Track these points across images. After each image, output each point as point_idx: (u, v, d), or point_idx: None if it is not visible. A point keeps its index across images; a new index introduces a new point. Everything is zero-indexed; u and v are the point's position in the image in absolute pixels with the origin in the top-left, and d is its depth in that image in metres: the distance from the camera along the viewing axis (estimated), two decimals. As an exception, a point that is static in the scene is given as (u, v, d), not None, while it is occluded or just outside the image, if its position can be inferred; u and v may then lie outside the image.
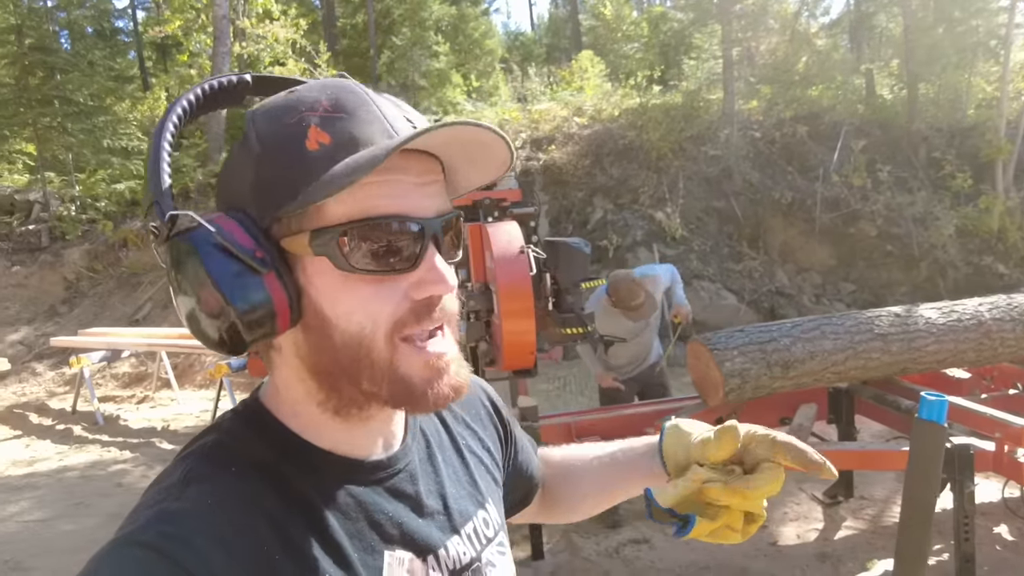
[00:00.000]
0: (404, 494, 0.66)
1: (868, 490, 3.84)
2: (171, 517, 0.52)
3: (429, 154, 0.59)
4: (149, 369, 7.70)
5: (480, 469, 0.78)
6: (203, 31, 12.21)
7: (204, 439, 0.62)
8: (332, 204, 0.54)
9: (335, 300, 0.56)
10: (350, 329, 0.56)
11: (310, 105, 0.57)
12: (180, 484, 0.56)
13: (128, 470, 5.24)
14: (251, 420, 0.63)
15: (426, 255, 0.57)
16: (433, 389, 0.59)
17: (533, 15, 38.33)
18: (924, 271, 7.79)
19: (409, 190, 0.57)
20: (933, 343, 3.18)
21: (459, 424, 0.80)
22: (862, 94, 10.27)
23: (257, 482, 0.57)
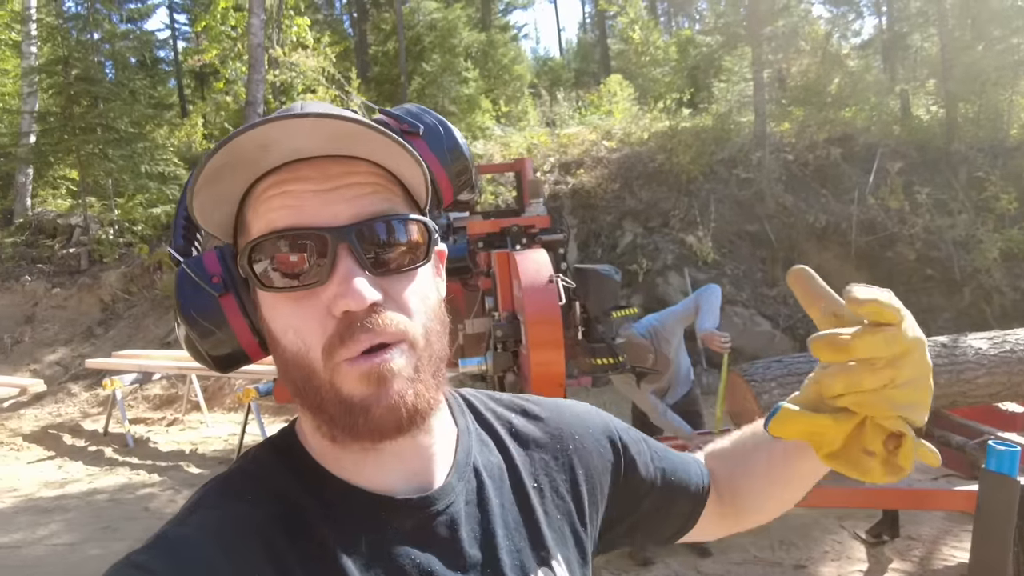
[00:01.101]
0: (439, 540, 0.59)
1: (915, 529, 3.65)
2: (170, 542, 0.53)
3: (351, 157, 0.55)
4: (179, 392, 7.77)
5: (552, 519, 0.67)
6: (239, 59, 12.55)
7: (234, 465, 0.62)
8: (253, 223, 0.56)
9: (272, 319, 0.57)
10: (290, 348, 0.55)
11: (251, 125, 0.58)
12: (190, 509, 0.57)
13: (156, 494, 5.25)
14: (280, 448, 0.62)
15: (337, 266, 0.53)
16: (371, 407, 0.52)
17: (561, 40, 38.75)
18: (968, 296, 7.52)
19: (307, 199, 0.54)
20: (984, 375, 3.02)
21: (531, 464, 0.70)
22: (897, 115, 10.06)
23: (271, 513, 0.56)
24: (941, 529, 3.67)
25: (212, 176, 0.53)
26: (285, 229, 0.53)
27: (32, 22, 12.08)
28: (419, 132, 0.82)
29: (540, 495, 0.68)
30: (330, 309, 0.53)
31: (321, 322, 0.53)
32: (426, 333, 0.56)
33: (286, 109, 0.57)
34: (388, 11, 17.20)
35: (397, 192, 0.59)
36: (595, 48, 22.62)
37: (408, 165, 0.58)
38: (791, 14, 10.62)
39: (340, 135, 0.53)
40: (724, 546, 3.63)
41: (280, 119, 0.50)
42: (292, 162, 0.54)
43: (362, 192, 0.55)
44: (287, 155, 0.54)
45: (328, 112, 0.52)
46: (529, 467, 0.69)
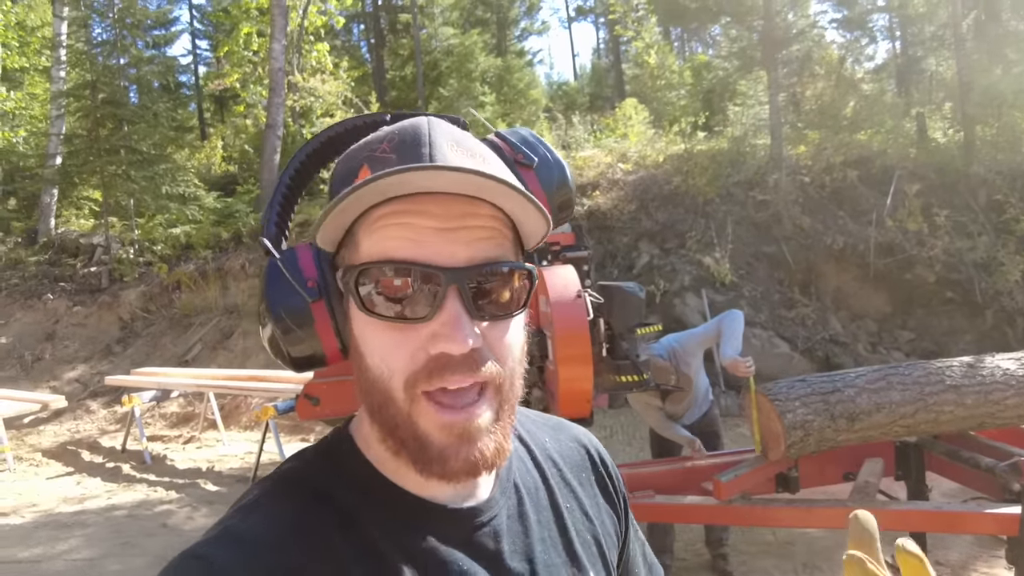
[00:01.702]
0: (484, 551, 0.60)
1: (943, 554, 3.58)
2: (232, 537, 0.54)
3: (473, 197, 0.54)
4: (196, 410, 7.81)
5: (583, 537, 0.69)
6: (259, 83, 12.80)
7: (288, 464, 0.63)
8: (364, 243, 0.55)
9: (362, 339, 0.57)
10: (374, 370, 0.55)
11: (374, 145, 0.59)
12: (250, 506, 0.57)
13: (173, 511, 5.26)
14: (335, 450, 0.63)
15: (444, 306, 0.53)
16: (449, 459, 0.54)
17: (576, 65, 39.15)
18: (990, 319, 7.42)
19: (428, 235, 0.53)
20: (1013, 396, 2.97)
21: (562, 484, 0.72)
22: (913, 138, 10.05)
23: (327, 515, 0.57)
24: (969, 555, 3.60)
25: (344, 208, 0.53)
26: (401, 261, 0.53)
27: (62, 48, 12.43)
28: (533, 165, 0.83)
29: (571, 515, 0.70)
30: (427, 345, 0.53)
31: (412, 354, 0.54)
32: (511, 378, 0.57)
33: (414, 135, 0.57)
34: (405, 37, 17.52)
35: (509, 237, 0.58)
36: (609, 72, 22.85)
37: (532, 219, 0.57)
38: (805, 39, 10.69)
39: (482, 184, 0.52)
40: (746, 569, 3.57)
41: (435, 169, 0.52)
42: (417, 193, 0.54)
43: (480, 236, 0.55)
44: (417, 189, 0.53)
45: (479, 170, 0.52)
46: (562, 487, 0.71)
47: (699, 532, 3.79)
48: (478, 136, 0.70)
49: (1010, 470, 2.87)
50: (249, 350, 8.91)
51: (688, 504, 3.09)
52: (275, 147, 11.04)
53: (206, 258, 10.04)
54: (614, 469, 0.79)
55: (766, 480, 3.20)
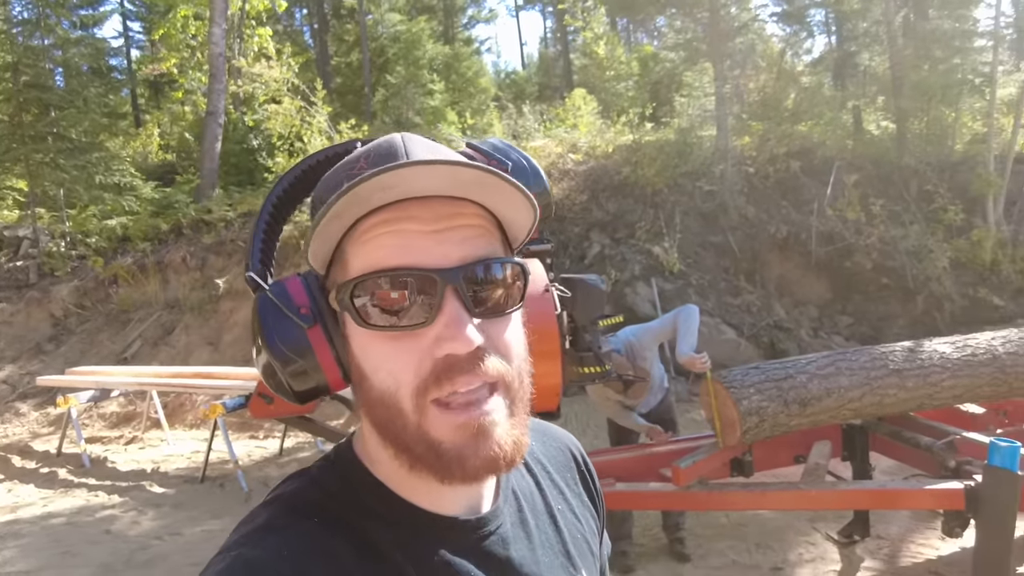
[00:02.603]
0: (495, 559, 0.61)
1: (884, 529, 3.76)
2: (247, 567, 0.52)
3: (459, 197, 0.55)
4: (138, 409, 7.51)
5: (575, 537, 0.72)
6: (199, 69, 12.30)
7: (292, 484, 0.62)
8: (353, 259, 0.55)
9: (364, 355, 0.56)
10: (379, 387, 0.55)
11: (351, 164, 0.59)
12: (261, 531, 0.56)
13: (117, 516, 5.04)
14: (341, 468, 0.62)
15: (444, 308, 0.53)
16: (467, 458, 0.53)
17: (523, 54, 39.08)
18: (921, 304, 7.82)
19: (417, 239, 0.53)
20: (949, 378, 3.14)
21: (553, 487, 0.74)
22: (850, 130, 10.45)
23: (339, 537, 0.56)
24: (908, 528, 3.79)
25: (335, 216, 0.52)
26: (394, 269, 0.53)
27: (-22, 27, 11.62)
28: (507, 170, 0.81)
29: (563, 516, 0.72)
30: (431, 351, 0.53)
31: (418, 362, 0.53)
32: (519, 374, 0.57)
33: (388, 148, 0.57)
34: (350, 23, 17.13)
35: (496, 235, 0.59)
36: (557, 62, 22.89)
37: (520, 211, 0.57)
38: (748, 31, 10.96)
39: (465, 181, 0.53)
40: (703, 552, 3.67)
41: (417, 164, 0.51)
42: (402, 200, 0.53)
43: (470, 234, 0.55)
44: (403, 195, 0.53)
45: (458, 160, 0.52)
46: (552, 490, 0.74)
47: (656, 517, 3.87)
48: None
49: (947, 448, 3.03)
50: (192, 346, 8.61)
51: (648, 491, 3.15)
52: (216, 135, 10.65)
53: (145, 251, 9.61)
54: (593, 469, 0.82)
55: (722, 465, 3.29)
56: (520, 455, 0.56)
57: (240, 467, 5.42)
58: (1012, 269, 7.86)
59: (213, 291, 8.88)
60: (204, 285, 9.07)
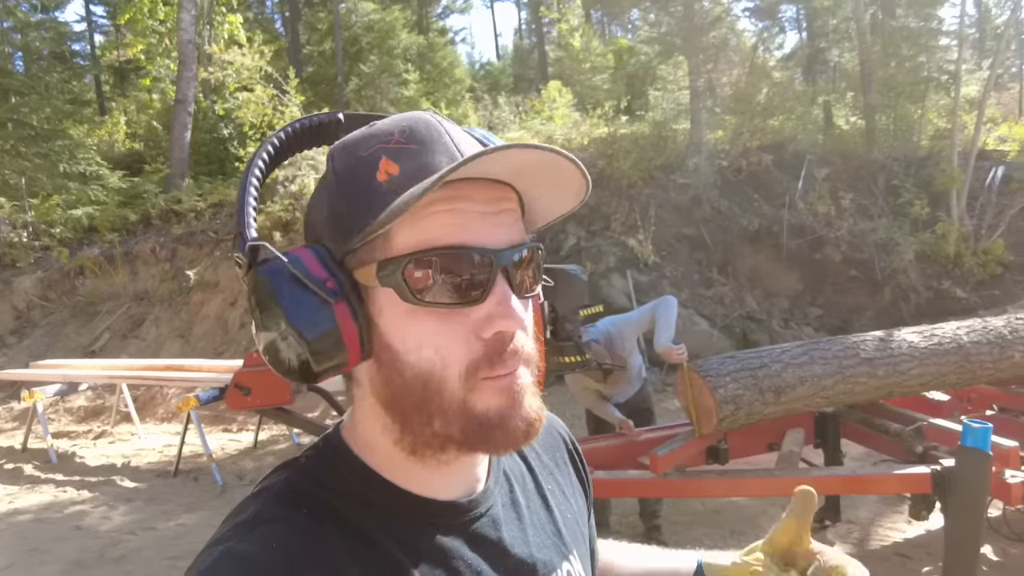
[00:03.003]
0: (486, 541, 0.62)
1: (853, 513, 3.86)
2: (236, 560, 0.52)
3: (501, 182, 0.55)
4: (107, 403, 7.36)
5: (566, 518, 0.73)
6: (167, 56, 12.02)
7: (280, 475, 0.61)
8: (399, 235, 0.54)
9: (403, 333, 0.55)
10: (420, 365, 0.54)
11: (383, 137, 0.57)
12: (249, 524, 0.55)
13: (87, 511, 4.95)
14: (329, 456, 0.61)
15: (494, 288, 0.54)
16: (508, 421, 0.55)
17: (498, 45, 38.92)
18: (888, 295, 8.01)
19: (475, 219, 0.54)
20: (917, 367, 3.24)
21: (544, 469, 0.75)
22: (821, 125, 10.63)
23: (329, 526, 0.56)
24: (876, 512, 3.90)
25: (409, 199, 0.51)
26: (455, 246, 0.53)
27: (-67, 9, 11.22)
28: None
29: (554, 497, 0.73)
30: (479, 329, 0.54)
31: (466, 341, 0.54)
32: (537, 352, 0.59)
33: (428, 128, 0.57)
34: (323, 11, 16.86)
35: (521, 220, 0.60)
36: (532, 54, 22.85)
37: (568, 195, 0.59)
38: (721, 25, 11.07)
39: (522, 167, 0.53)
40: (680, 539, 3.74)
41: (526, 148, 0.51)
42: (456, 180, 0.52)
43: (512, 219, 0.57)
44: (464, 175, 0.52)
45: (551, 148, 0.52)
46: (543, 471, 0.74)
47: (633, 505, 3.92)
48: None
49: (914, 434, 3.13)
50: (162, 338, 8.46)
51: (627, 479, 3.19)
52: (186, 124, 10.43)
53: (112, 241, 9.39)
54: (580, 451, 0.83)
55: (698, 453, 3.35)
56: (541, 426, 0.57)
57: (214, 460, 5.36)
58: (974, 262, 8.10)
59: (184, 283, 8.73)
60: (174, 277, 8.91)
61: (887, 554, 3.47)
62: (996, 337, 3.43)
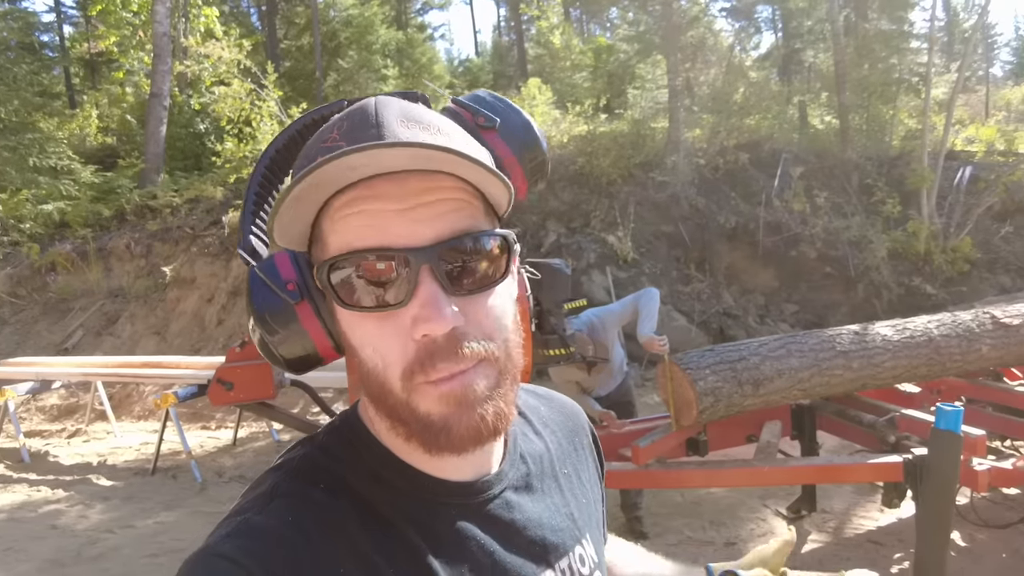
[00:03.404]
0: (498, 522, 0.62)
1: (828, 503, 3.96)
2: (252, 531, 0.53)
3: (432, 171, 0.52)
4: (81, 401, 7.24)
5: (580, 502, 0.73)
6: (140, 48, 11.81)
7: (299, 450, 0.62)
8: (330, 238, 0.54)
9: (350, 332, 0.57)
10: (368, 360, 0.55)
11: (324, 136, 0.56)
12: (266, 497, 0.56)
13: (63, 510, 4.87)
14: (347, 435, 0.62)
15: (418, 289, 0.52)
16: (452, 428, 0.53)
17: (477, 42, 38.82)
18: (861, 292, 8.18)
19: (389, 218, 0.52)
20: (890, 359, 3.32)
21: (562, 453, 0.75)
22: (796, 124, 10.81)
23: (344, 502, 0.56)
24: (851, 502, 4.00)
25: (295, 199, 0.51)
26: (365, 250, 0.52)
27: None
28: (495, 126, 0.80)
29: (569, 481, 0.73)
30: (411, 331, 0.52)
31: (402, 343, 0.53)
32: (507, 348, 0.56)
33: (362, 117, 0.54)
34: (300, 5, 16.71)
35: (478, 204, 0.57)
36: (511, 51, 22.84)
37: (491, 182, 0.55)
38: (699, 25, 11.19)
39: (435, 157, 0.51)
40: (660, 529, 3.80)
41: (378, 147, 0.49)
42: (371, 176, 0.52)
43: (444, 210, 0.53)
44: (371, 172, 0.52)
45: (426, 142, 0.50)
46: (559, 454, 0.74)
47: (614, 497, 3.97)
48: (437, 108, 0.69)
49: (887, 424, 3.22)
50: (138, 335, 8.34)
51: (610, 470, 3.22)
52: (161, 118, 10.26)
53: (85, 237, 9.21)
54: (599, 440, 0.84)
55: (678, 445, 3.41)
56: (503, 424, 0.55)
57: (193, 457, 5.31)
58: (943, 259, 8.30)
59: (160, 279, 8.60)
60: (150, 273, 8.78)
61: (860, 542, 3.56)
62: (964, 331, 3.53)
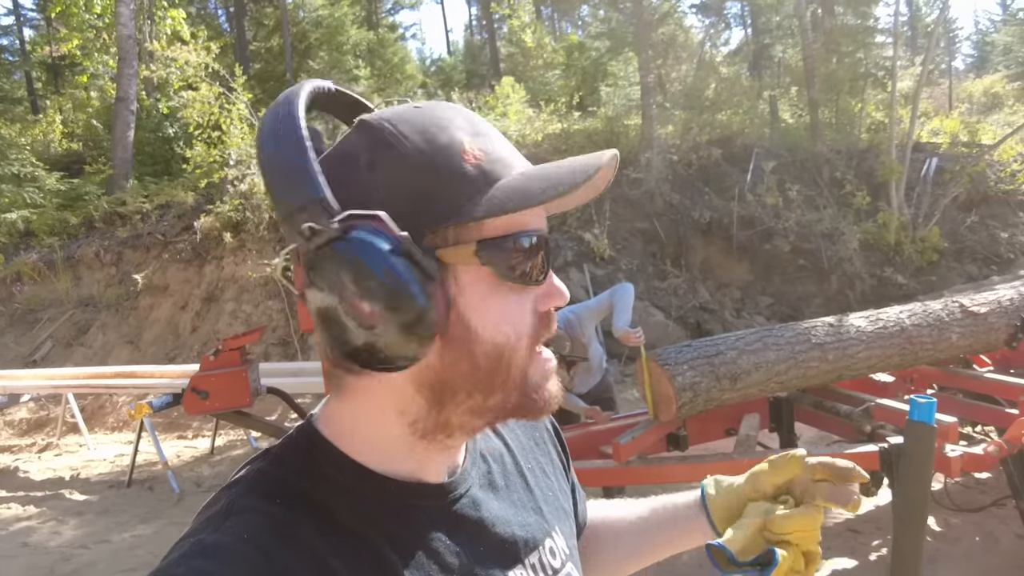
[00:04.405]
0: (465, 521, 0.62)
1: (807, 494, 4.01)
2: (205, 551, 0.51)
3: None
4: (52, 414, 7.08)
5: (547, 495, 0.74)
6: (105, 51, 11.56)
7: (253, 465, 0.60)
8: (491, 219, 0.55)
9: (485, 310, 0.56)
10: (496, 339, 0.56)
11: (452, 122, 0.57)
12: (221, 515, 0.54)
13: (34, 527, 4.75)
14: (304, 446, 0.61)
15: (550, 268, 0.60)
16: (546, 393, 0.60)
17: (449, 41, 38.68)
18: (835, 283, 8.31)
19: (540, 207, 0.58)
20: (864, 350, 3.38)
21: (522, 448, 0.76)
22: (767, 119, 10.94)
23: (304, 514, 0.55)
24: (829, 492, 4.06)
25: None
26: (537, 231, 0.59)
27: None
28: None
29: (533, 475, 0.74)
30: (536, 304, 0.59)
31: (532, 316, 0.59)
32: None
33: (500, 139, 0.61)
34: (269, 6, 16.49)
35: None
36: (483, 50, 22.81)
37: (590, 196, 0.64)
38: (669, 21, 11.28)
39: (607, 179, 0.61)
40: (643, 524, 3.81)
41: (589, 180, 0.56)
42: None
43: None
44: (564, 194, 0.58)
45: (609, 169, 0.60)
46: (520, 450, 0.75)
47: (596, 495, 3.98)
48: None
49: (863, 414, 3.27)
50: (110, 345, 8.17)
51: (591, 468, 3.24)
52: (128, 122, 10.06)
53: (52, 246, 9.00)
54: (559, 429, 0.86)
55: (658, 441, 3.43)
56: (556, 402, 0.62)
57: (170, 468, 5.21)
58: (912, 250, 8.47)
59: (131, 287, 8.44)
60: (121, 281, 8.61)
61: (840, 530, 3.61)
62: (935, 320, 3.60)
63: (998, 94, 16.22)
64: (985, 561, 3.20)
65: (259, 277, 7.71)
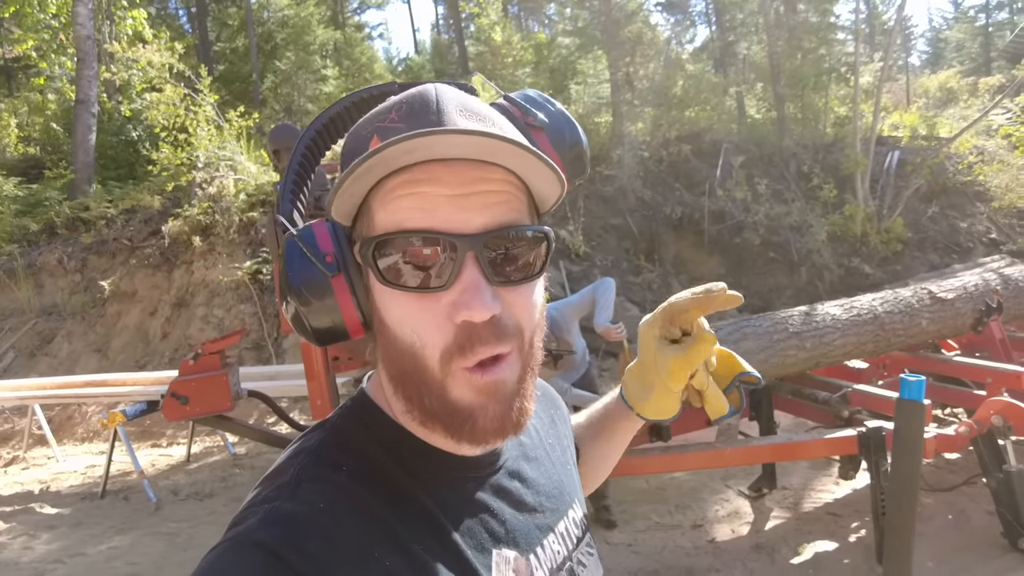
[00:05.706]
0: (505, 491, 0.66)
1: (787, 480, 4.09)
2: (285, 519, 0.53)
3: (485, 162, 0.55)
4: (17, 427, 6.86)
5: (566, 469, 0.79)
6: (62, 53, 11.24)
7: (315, 435, 0.62)
8: (378, 215, 0.56)
9: (387, 309, 0.57)
10: (404, 339, 0.56)
11: (382, 116, 0.59)
12: (292, 483, 0.56)
13: (4, 543, 4.60)
14: (361, 416, 0.64)
15: (461, 274, 0.53)
16: (478, 419, 0.55)
17: (416, 40, 38.46)
18: (804, 275, 8.49)
19: (440, 203, 0.54)
20: (840, 337, 3.47)
21: (543, 424, 0.80)
22: (734, 115, 11.11)
23: (368, 483, 0.58)
24: (808, 477, 4.15)
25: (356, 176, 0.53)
26: (416, 231, 0.53)
27: None
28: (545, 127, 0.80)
29: (553, 450, 0.78)
30: (450, 315, 0.54)
31: (440, 325, 0.54)
32: (532, 341, 0.59)
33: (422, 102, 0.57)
34: (232, 7, 16.21)
35: (524, 200, 0.58)
36: (451, 48, 22.72)
37: (546, 182, 0.58)
38: (636, 20, 11.38)
39: (493, 147, 0.52)
40: (628, 516, 3.86)
41: (444, 133, 0.50)
42: (427, 161, 0.54)
43: (494, 200, 0.55)
44: (428, 157, 0.53)
45: (486, 131, 0.51)
46: (541, 427, 0.80)
47: (582, 488, 4.02)
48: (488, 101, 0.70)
49: (840, 400, 3.35)
50: (77, 354, 7.94)
51: (578, 462, 3.26)
52: (89, 125, 9.79)
53: (12, 253, 8.71)
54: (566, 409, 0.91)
55: (641, 432, 3.47)
56: (524, 420, 0.58)
57: (146, 477, 5.10)
58: (878, 240, 8.68)
59: (97, 294, 8.21)
60: (87, 288, 8.37)
61: (820, 515, 3.70)
62: (906, 307, 3.71)
63: (952, 89, 16.72)
64: (958, 538, 3.30)
65: (230, 281, 7.58)
